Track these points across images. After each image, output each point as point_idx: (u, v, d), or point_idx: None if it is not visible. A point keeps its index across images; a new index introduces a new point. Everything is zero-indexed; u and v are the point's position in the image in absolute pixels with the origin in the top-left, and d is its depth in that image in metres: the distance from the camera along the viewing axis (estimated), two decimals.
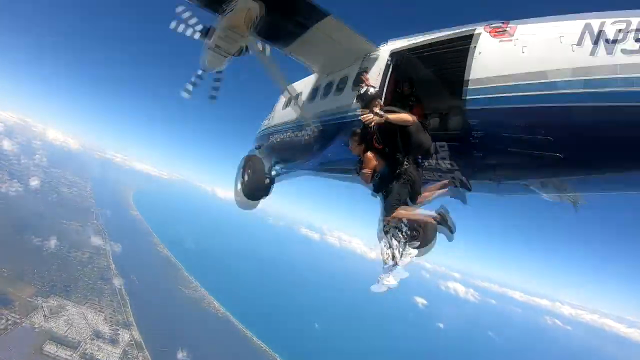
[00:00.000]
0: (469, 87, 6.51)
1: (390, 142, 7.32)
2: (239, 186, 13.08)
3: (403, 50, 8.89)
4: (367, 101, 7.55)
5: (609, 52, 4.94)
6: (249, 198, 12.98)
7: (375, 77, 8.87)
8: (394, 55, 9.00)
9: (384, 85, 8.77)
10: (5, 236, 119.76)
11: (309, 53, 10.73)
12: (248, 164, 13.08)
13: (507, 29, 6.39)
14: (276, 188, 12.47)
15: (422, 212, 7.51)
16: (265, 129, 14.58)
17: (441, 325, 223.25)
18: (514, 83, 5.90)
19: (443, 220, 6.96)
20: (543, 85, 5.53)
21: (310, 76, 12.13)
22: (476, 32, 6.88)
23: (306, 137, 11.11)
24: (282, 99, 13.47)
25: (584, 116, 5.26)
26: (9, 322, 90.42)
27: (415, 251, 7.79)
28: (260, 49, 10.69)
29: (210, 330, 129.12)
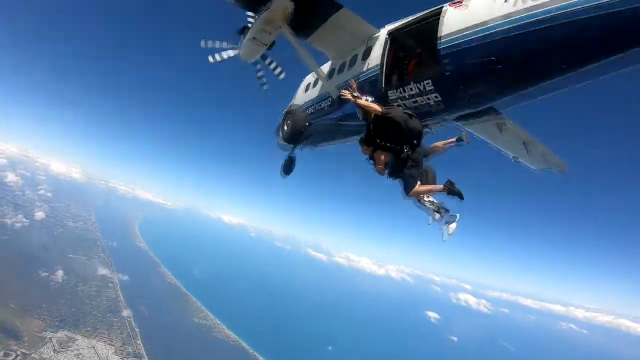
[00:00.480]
0: (439, 41, 9.74)
1: (388, 137, 9.16)
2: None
3: (396, 29, 11.88)
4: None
5: (523, 2, 8.12)
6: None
7: (377, 52, 12.05)
8: (390, 34, 11.95)
9: (384, 57, 11.82)
10: (11, 269, 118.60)
11: (327, 41, 13.62)
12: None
13: (463, 2, 9.57)
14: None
15: (433, 186, 9.54)
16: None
17: (455, 339, 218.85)
18: (466, 32, 9.18)
19: (451, 189, 9.08)
20: (485, 29, 8.82)
21: (325, 64, 14.97)
22: (443, 8, 10.02)
23: (328, 104, 14.12)
24: (302, 86, 16.92)
25: (513, 43, 8.42)
26: (19, 356, 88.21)
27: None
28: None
29: (222, 358, 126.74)
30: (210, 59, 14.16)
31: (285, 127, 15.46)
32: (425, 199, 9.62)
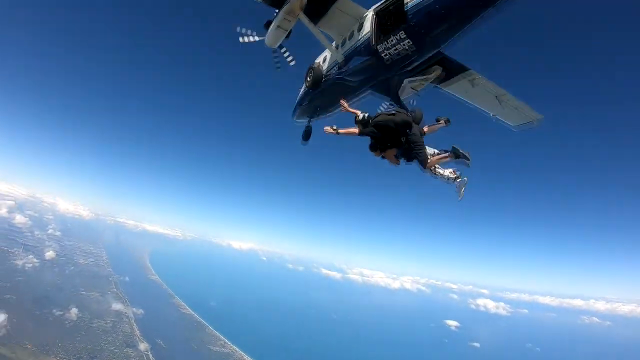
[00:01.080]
0: (406, 7, 12.99)
1: (386, 138, 11.27)
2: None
3: (378, 6, 14.95)
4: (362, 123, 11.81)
5: None
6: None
7: (368, 23, 14.97)
8: (376, 11, 14.94)
9: (372, 25, 14.82)
10: (26, 310, 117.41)
11: (331, 24, 16.25)
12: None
13: None
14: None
15: (442, 155, 11.76)
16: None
17: (477, 345, 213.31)
18: None
19: (457, 154, 11.68)
20: None
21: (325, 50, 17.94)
22: None
23: (337, 68, 16.75)
24: (319, 59, 18.90)
25: None
26: None
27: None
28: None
29: None
30: (241, 39, 17.31)
31: (309, 78, 18.24)
32: (439, 170, 11.82)
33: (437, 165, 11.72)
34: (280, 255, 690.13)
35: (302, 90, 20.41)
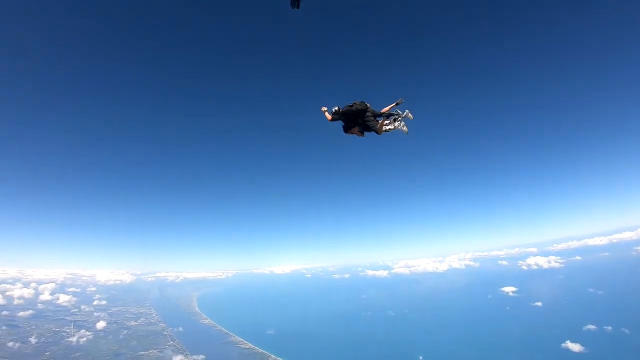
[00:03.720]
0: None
1: (350, 121, 15.39)
2: None
3: None
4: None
5: None
6: None
7: None
8: None
9: None
10: None
11: None
12: None
13: None
14: None
15: (382, 112, 15.88)
16: None
17: (540, 304, 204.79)
18: None
19: (396, 104, 16.04)
20: None
21: None
22: None
23: None
24: None
25: None
26: None
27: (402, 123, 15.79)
28: None
29: None
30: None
31: None
32: (387, 127, 15.58)
33: (385, 128, 15.64)
34: (324, 269, 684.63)
35: None
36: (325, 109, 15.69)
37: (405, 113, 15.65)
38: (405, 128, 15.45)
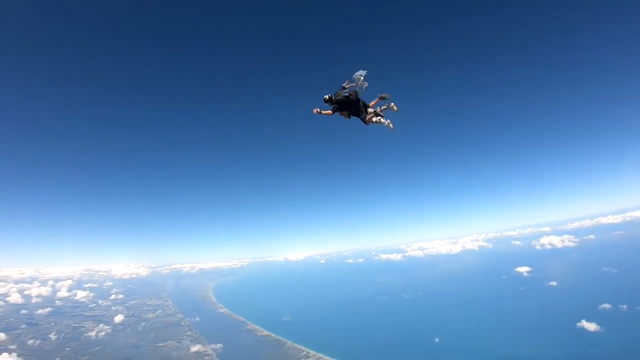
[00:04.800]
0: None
1: (345, 107, 15.75)
2: None
3: None
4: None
5: None
6: None
7: None
8: None
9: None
10: None
11: None
12: None
13: None
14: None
15: (371, 105, 16.40)
16: None
17: (555, 284, 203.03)
18: None
19: (381, 98, 16.43)
20: None
21: None
22: None
23: None
24: None
25: None
26: None
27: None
28: None
29: None
30: None
31: None
32: (375, 119, 16.11)
33: (374, 120, 16.06)
34: (338, 254, 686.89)
35: None
36: (318, 110, 15.91)
37: (390, 105, 16.33)
38: (391, 125, 16.01)
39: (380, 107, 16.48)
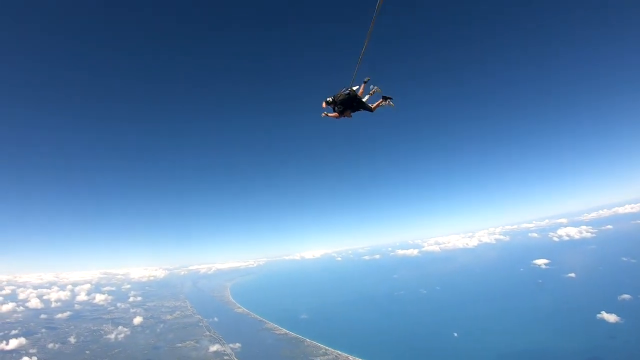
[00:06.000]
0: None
1: (346, 106, 15.75)
2: None
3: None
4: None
5: None
6: None
7: None
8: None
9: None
10: None
11: None
12: None
13: None
14: None
15: (378, 103, 16.67)
16: None
17: (573, 275, 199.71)
18: None
19: (385, 97, 16.56)
20: None
21: None
22: None
23: None
24: None
25: None
26: None
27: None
28: None
29: None
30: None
31: None
32: (379, 104, 16.62)
33: (374, 105, 16.66)
34: (354, 251, 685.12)
35: None
36: (325, 113, 16.43)
37: (374, 89, 16.74)
38: (392, 103, 16.72)
39: (378, 102, 17.02)
